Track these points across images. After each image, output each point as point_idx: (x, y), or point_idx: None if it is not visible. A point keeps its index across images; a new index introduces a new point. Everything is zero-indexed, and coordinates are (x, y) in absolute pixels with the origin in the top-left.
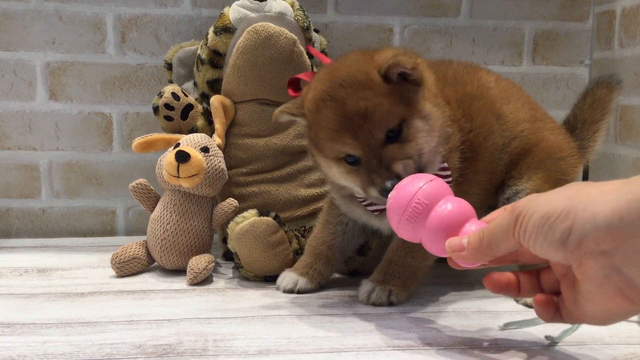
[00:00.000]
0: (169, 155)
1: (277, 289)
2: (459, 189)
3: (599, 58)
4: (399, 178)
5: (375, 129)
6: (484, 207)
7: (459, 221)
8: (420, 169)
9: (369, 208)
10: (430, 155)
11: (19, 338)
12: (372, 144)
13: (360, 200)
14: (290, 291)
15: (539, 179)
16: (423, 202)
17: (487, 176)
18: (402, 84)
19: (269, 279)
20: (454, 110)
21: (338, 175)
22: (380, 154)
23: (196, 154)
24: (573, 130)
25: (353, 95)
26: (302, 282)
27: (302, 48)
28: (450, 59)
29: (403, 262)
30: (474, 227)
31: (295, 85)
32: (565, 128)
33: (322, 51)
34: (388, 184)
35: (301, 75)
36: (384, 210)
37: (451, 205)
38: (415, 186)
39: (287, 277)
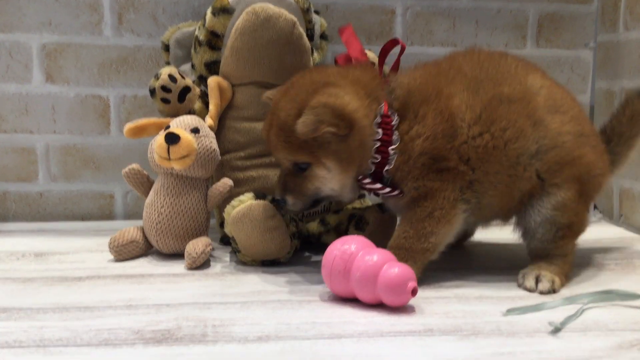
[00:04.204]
0: (159, 137)
1: None
2: (466, 181)
3: (603, 41)
4: (283, 202)
5: (282, 159)
6: (503, 211)
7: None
8: (318, 200)
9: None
10: (331, 193)
11: (15, 323)
12: (282, 163)
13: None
14: None
15: (576, 191)
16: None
17: (506, 179)
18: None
19: (267, 264)
20: (462, 114)
21: None
22: (291, 175)
23: (186, 135)
24: (609, 142)
25: (277, 127)
26: None
27: (301, 30)
28: (508, 54)
29: (399, 244)
30: (396, 270)
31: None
32: (601, 139)
33: (322, 34)
34: (279, 199)
35: (340, 59)
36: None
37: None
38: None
39: None
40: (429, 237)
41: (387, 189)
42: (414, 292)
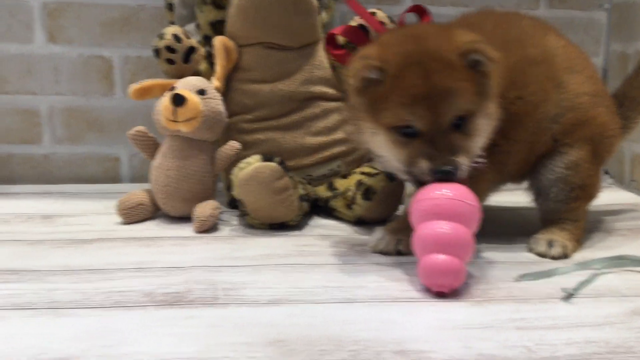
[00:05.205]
0: (165, 99)
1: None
2: (492, 160)
3: (618, 2)
4: (455, 168)
5: (451, 110)
6: (519, 174)
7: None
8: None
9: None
10: (474, 156)
11: (26, 285)
12: (441, 123)
13: None
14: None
15: (589, 151)
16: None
17: (527, 146)
18: (475, 73)
19: (275, 227)
20: (502, 78)
21: (382, 144)
22: (450, 136)
23: (192, 97)
24: (620, 106)
25: (442, 70)
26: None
27: None
28: (522, 14)
29: None
30: (441, 258)
31: (333, 41)
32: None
33: None
34: (448, 167)
35: (337, 31)
36: None
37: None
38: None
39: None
40: None
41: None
42: (438, 293)
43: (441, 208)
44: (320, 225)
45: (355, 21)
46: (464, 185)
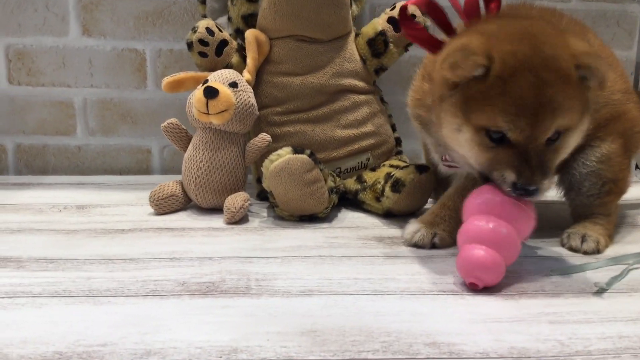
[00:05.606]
0: (198, 92)
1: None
2: None
3: None
4: (538, 189)
5: (553, 127)
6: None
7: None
8: None
9: (444, 163)
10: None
11: (63, 274)
12: (539, 138)
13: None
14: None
15: (619, 145)
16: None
17: None
18: (583, 86)
19: (304, 219)
20: None
21: (464, 143)
22: (542, 152)
23: (225, 90)
24: None
25: (556, 84)
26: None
27: None
28: (562, 13)
29: (457, 207)
30: (482, 252)
31: (407, 15)
32: None
33: None
34: (533, 187)
35: (413, 1)
36: (456, 167)
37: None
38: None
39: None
40: None
41: None
42: (471, 285)
43: (502, 208)
44: (349, 217)
45: None
46: None
